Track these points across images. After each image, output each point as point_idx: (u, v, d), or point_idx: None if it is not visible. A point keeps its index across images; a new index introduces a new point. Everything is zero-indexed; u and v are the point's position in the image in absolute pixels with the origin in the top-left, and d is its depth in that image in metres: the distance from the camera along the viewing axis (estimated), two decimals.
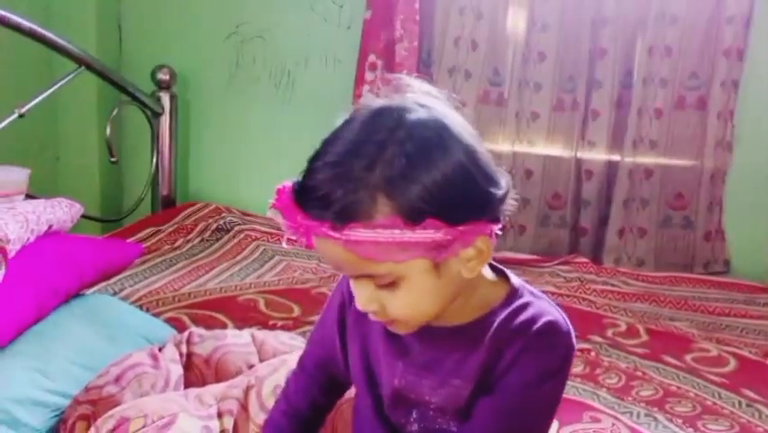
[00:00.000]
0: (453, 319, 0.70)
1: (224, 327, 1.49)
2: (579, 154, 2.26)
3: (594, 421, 1.24)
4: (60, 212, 1.23)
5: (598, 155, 2.24)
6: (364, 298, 0.63)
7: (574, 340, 0.72)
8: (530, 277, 2.08)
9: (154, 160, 2.32)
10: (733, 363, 1.57)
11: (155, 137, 2.32)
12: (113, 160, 2.09)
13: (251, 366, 1.06)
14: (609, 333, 1.69)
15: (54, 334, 1.08)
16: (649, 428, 1.23)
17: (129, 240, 1.96)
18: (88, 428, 0.88)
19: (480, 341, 0.70)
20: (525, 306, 0.71)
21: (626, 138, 2.18)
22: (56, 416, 0.96)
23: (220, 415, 0.93)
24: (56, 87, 1.78)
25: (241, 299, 1.69)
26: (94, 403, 0.94)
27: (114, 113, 2.09)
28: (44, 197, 1.73)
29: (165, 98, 2.31)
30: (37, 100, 1.72)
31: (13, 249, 1.01)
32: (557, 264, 2.18)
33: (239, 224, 2.27)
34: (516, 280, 0.75)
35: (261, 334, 1.20)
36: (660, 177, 2.21)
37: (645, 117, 2.18)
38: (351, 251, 0.59)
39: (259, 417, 0.94)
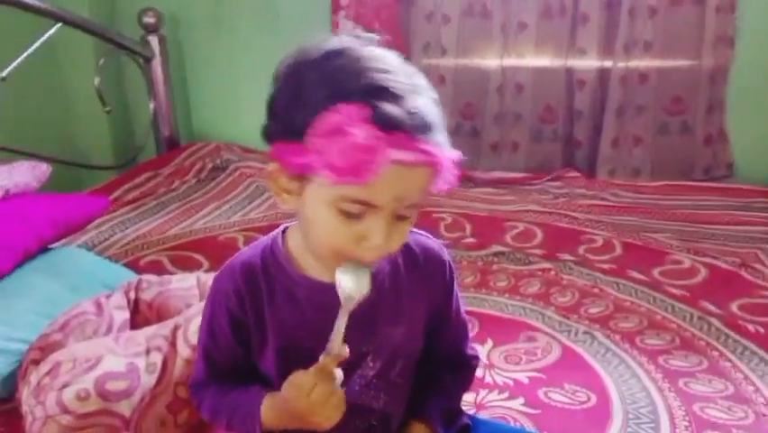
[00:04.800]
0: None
1: (200, 267, 1.60)
2: (569, 63, 2.16)
3: (529, 340, 1.28)
4: (19, 176, 1.33)
5: (589, 62, 2.14)
6: (386, 234, 0.65)
7: None
8: (517, 196, 2.07)
9: (151, 104, 2.39)
10: (703, 275, 1.55)
11: (149, 81, 2.39)
12: (106, 109, 2.17)
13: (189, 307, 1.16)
14: (581, 250, 1.69)
15: (19, 288, 1.21)
16: (584, 345, 1.26)
17: (125, 186, 2.08)
18: None
19: (400, 282, 0.76)
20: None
21: (618, 41, 2.06)
22: (17, 361, 1.09)
23: (148, 352, 1.04)
24: (33, 47, 1.86)
25: (222, 239, 1.79)
26: (42, 349, 1.06)
27: (102, 62, 2.16)
28: (55, 152, 1.86)
29: (154, 42, 2.35)
30: (16, 63, 1.80)
31: None
32: (548, 180, 2.15)
33: (235, 161, 2.34)
34: None
35: (206, 276, 1.28)
36: (655, 81, 2.09)
37: (638, 17, 2.04)
38: (437, 172, 0.65)
39: (186, 352, 1.04)
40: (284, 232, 0.77)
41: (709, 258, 1.62)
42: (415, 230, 0.76)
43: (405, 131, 0.61)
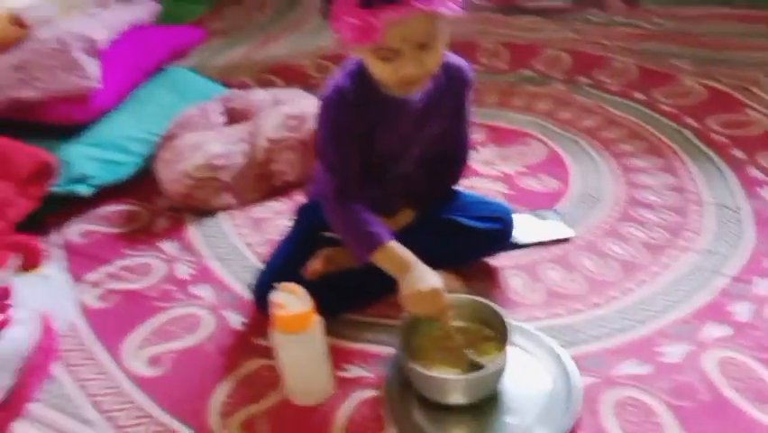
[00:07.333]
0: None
1: (275, 86, 2.01)
2: None
3: (523, 145, 1.62)
4: (138, 11, 1.73)
5: None
6: (414, 63, 0.91)
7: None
8: (557, 25, 2.27)
9: None
10: (698, 95, 1.77)
11: None
12: None
13: None
14: (598, 74, 1.93)
15: (146, 98, 1.67)
16: (566, 148, 1.59)
17: (215, 18, 2.47)
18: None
19: (440, 90, 1.04)
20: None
21: None
22: (152, 146, 1.58)
23: (238, 142, 1.48)
24: None
25: (296, 64, 2.16)
26: (167, 139, 1.54)
27: None
28: None
29: None
30: None
31: (102, 46, 1.54)
32: (590, 8, 2.31)
33: None
34: None
35: (279, 91, 1.69)
36: None
37: None
38: (439, 13, 0.88)
39: (264, 143, 1.48)
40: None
41: (713, 81, 1.82)
42: (451, 54, 1.05)
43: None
